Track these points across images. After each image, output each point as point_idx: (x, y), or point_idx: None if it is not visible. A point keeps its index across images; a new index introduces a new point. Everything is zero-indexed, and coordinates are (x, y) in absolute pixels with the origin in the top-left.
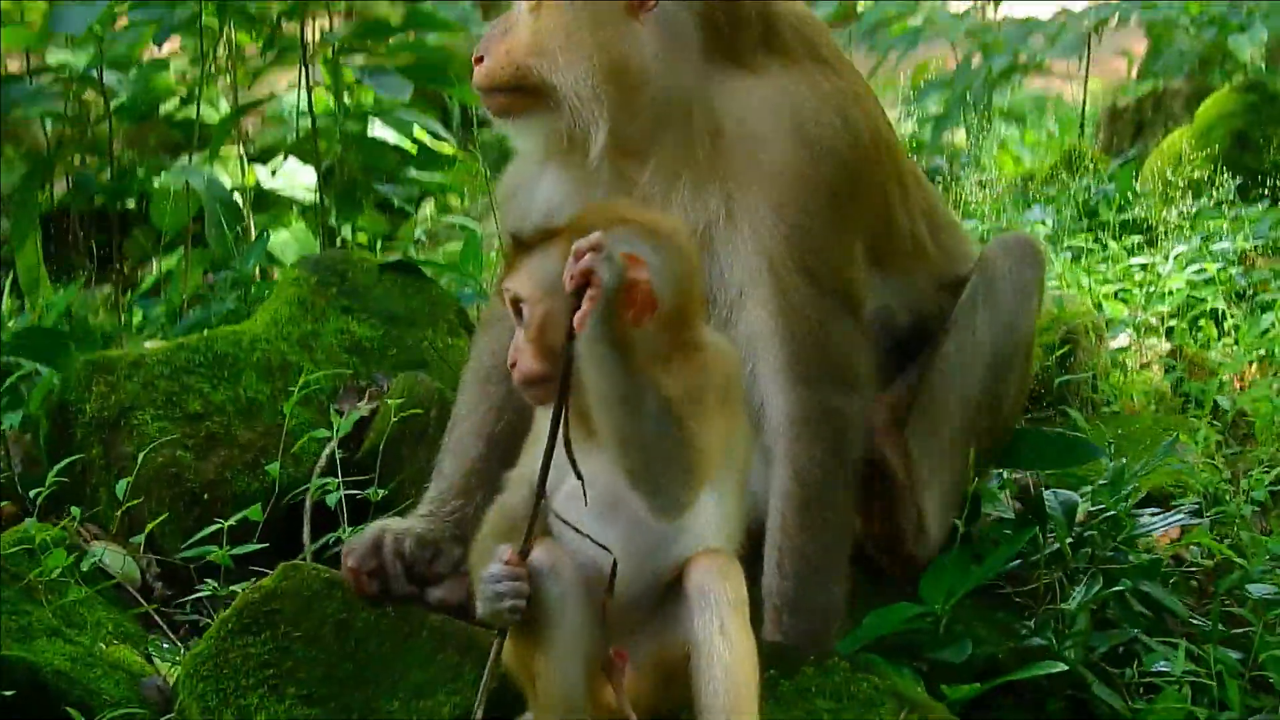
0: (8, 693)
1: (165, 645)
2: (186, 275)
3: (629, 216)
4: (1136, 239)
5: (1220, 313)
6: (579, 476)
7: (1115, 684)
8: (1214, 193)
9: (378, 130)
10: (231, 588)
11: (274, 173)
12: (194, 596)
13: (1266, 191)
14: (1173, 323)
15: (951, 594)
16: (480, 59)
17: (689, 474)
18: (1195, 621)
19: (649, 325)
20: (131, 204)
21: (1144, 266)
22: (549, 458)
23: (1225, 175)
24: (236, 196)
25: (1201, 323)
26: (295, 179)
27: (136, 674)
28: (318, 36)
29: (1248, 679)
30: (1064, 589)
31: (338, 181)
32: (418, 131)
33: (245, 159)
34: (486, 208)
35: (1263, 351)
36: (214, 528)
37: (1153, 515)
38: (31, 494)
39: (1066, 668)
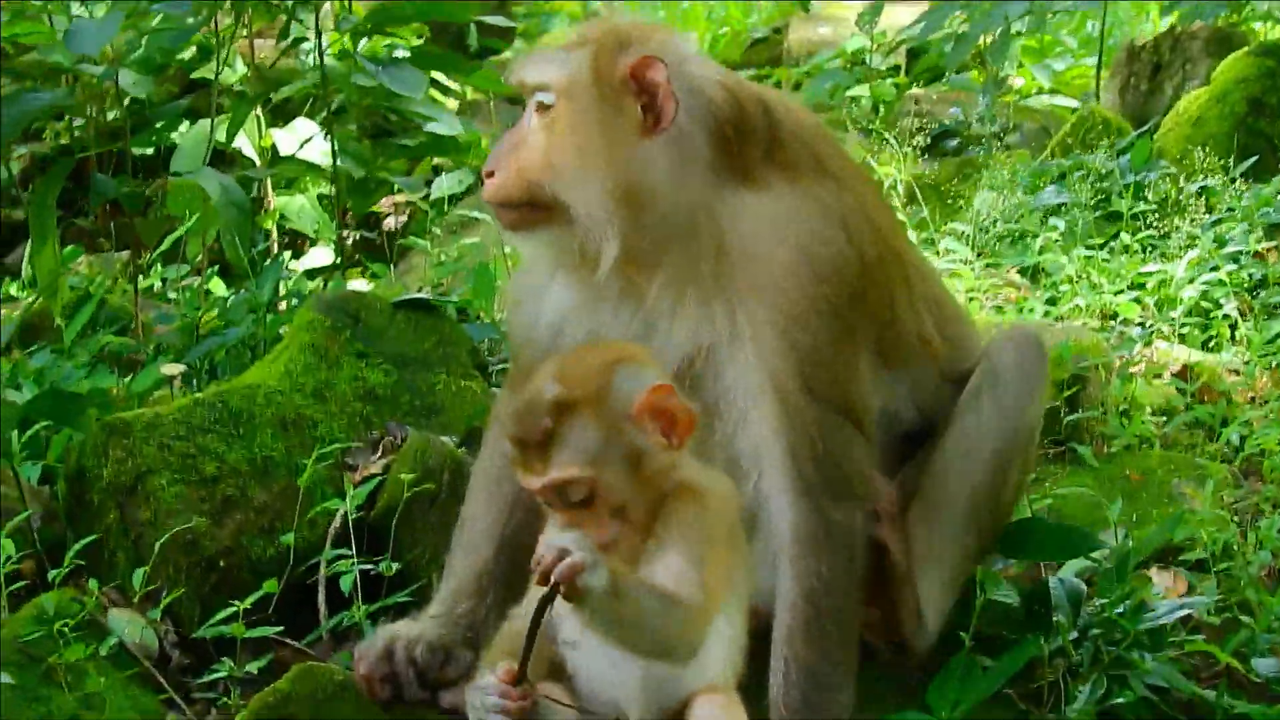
0: None
1: None
2: (203, 292)
3: (619, 356)
4: (1149, 234)
5: (1233, 322)
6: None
7: None
8: (1226, 193)
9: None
10: (247, 668)
11: (292, 171)
12: (211, 678)
13: None
14: (1184, 330)
15: (958, 704)
16: (491, 173)
17: (695, 630)
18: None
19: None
20: (150, 150)
21: (1155, 274)
22: (531, 642)
23: (1239, 181)
24: (254, 157)
25: (1214, 327)
26: (312, 145)
27: None
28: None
29: None
30: (1068, 685)
31: (351, 129)
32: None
33: (262, 121)
34: None
35: (1274, 362)
36: (230, 610)
37: (1159, 599)
38: (50, 576)
39: None
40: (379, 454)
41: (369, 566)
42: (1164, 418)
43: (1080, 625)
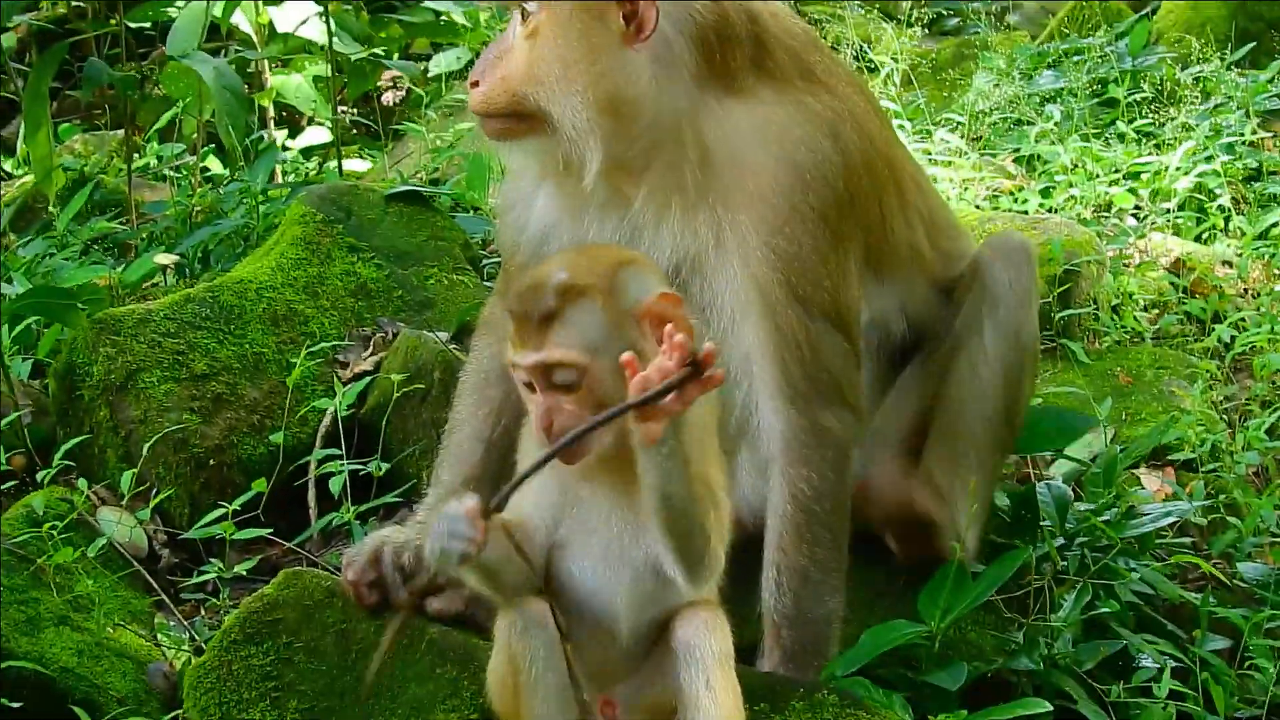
0: (17, 704)
1: (172, 624)
2: (196, 174)
3: (630, 259)
4: (1146, 123)
5: (1228, 213)
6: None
7: (1103, 701)
8: (1223, 80)
9: None
10: (236, 569)
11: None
12: (200, 579)
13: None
14: (1179, 221)
15: (948, 612)
16: (476, 83)
17: (721, 542)
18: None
19: None
20: (148, 24)
21: (1151, 165)
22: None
23: (1236, 69)
24: (251, 34)
25: (1209, 218)
26: (310, 23)
27: (143, 661)
28: None
29: (1235, 674)
30: (1054, 593)
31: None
32: None
33: None
34: None
35: (1267, 255)
36: (219, 511)
37: (1146, 501)
38: (39, 475)
39: (1049, 707)
40: (370, 351)
41: (358, 467)
42: (1155, 311)
43: (1067, 532)
